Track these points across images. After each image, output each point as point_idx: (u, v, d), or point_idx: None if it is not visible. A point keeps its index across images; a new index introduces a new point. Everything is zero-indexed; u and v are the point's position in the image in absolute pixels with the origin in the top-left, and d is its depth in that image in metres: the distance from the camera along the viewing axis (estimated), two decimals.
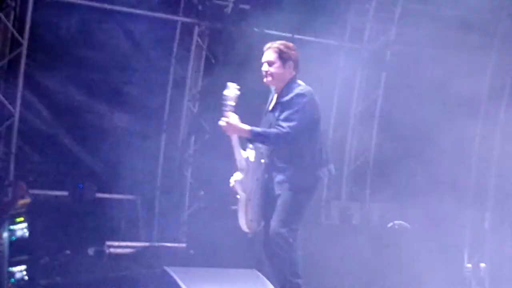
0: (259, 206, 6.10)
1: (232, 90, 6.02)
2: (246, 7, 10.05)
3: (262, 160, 6.11)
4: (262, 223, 6.14)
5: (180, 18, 10.17)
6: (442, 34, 10.66)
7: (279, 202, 6.02)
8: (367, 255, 9.51)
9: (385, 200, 10.99)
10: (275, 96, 6.21)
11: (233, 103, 6.00)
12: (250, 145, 6.08)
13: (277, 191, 6.01)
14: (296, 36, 10.13)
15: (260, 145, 6.07)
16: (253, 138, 5.97)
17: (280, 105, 6.07)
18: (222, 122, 5.94)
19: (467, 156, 11.31)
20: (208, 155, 10.08)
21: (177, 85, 10.33)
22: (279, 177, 6.04)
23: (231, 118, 5.94)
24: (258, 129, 5.97)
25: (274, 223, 6.02)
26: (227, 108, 5.99)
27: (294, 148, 5.99)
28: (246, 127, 5.94)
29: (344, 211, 10.76)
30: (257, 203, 6.09)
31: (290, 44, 6.22)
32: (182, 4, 10.12)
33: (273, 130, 5.95)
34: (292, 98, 6.00)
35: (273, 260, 6.05)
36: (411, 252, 9.41)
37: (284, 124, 5.94)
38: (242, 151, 6.03)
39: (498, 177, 11.12)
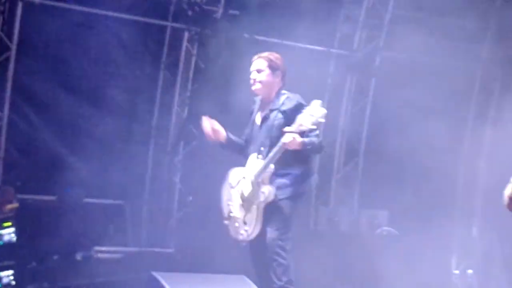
0: None
1: (318, 109, 5.89)
2: (236, 13, 10.06)
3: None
4: None
5: (170, 24, 10.18)
6: (432, 41, 10.71)
7: (277, 208, 6.02)
8: (355, 261, 9.52)
9: (374, 206, 11.01)
10: (258, 106, 6.24)
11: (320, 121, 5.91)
12: (259, 155, 6.08)
13: (280, 195, 6.02)
14: (286, 42, 10.16)
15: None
16: (304, 148, 5.97)
17: (281, 114, 6.06)
18: (289, 138, 5.88)
19: (456, 162, 11.35)
20: (197, 160, 10.08)
21: (166, 90, 10.33)
22: (280, 182, 6.03)
23: (295, 134, 5.91)
24: (306, 140, 5.94)
25: (271, 231, 6.02)
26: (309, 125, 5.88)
27: (297, 155, 6.00)
28: (301, 139, 5.94)
29: (332, 217, 10.77)
30: None
31: (278, 55, 6.28)
32: (171, 10, 10.13)
33: (313, 139, 5.96)
34: (296, 107, 6.02)
35: (267, 266, 6.05)
36: (398, 259, 9.42)
37: (313, 134, 5.97)
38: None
39: (486, 183, 11.15)
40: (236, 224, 6.16)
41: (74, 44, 9.65)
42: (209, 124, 6.24)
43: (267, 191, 5.99)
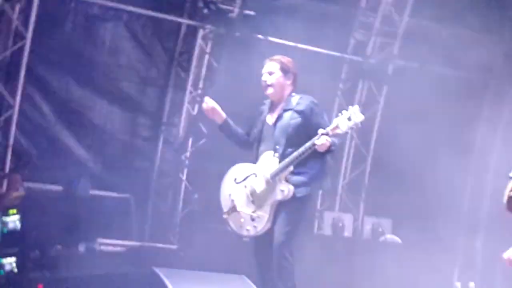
0: None
1: (357, 114, 5.89)
2: (251, 13, 10.06)
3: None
4: None
5: (185, 21, 10.18)
6: (445, 52, 10.70)
7: (290, 207, 6.01)
8: (357, 268, 9.51)
9: (378, 214, 11.00)
10: (268, 107, 6.26)
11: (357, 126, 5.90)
12: (276, 154, 6.09)
13: (296, 194, 6.01)
14: (299, 45, 10.17)
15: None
16: (332, 149, 5.97)
17: (297, 114, 6.08)
18: (322, 140, 5.89)
19: (463, 174, 11.32)
20: (205, 159, 10.09)
21: (178, 87, 10.34)
22: (296, 179, 6.02)
23: (328, 137, 5.90)
24: (331, 141, 5.94)
25: (280, 232, 6.01)
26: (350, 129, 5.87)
27: (315, 153, 6.00)
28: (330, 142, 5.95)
29: (336, 223, 10.77)
30: None
31: (290, 59, 6.31)
32: (187, 7, 10.14)
33: (335, 141, 5.93)
34: (311, 107, 6.05)
35: (272, 268, 6.03)
36: (401, 268, 9.41)
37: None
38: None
39: (492, 197, 11.14)
40: (242, 220, 6.14)
41: (89, 36, 9.68)
42: (210, 103, 6.27)
43: (287, 190, 5.98)
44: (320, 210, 11.10)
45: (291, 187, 5.98)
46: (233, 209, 6.20)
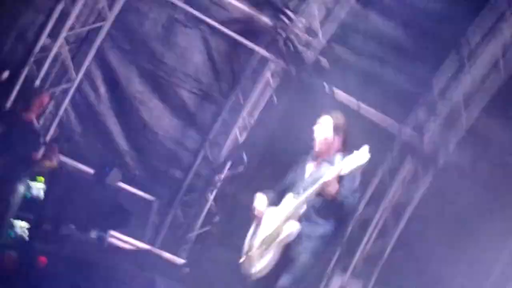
0: None
1: (362, 157, 5.91)
2: (326, 65, 10.06)
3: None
4: None
5: (260, 50, 10.24)
6: (501, 157, 10.54)
7: (298, 256, 5.99)
8: None
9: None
10: (312, 158, 6.28)
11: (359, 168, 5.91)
12: (295, 196, 6.10)
13: (306, 242, 6.00)
14: (362, 106, 10.13)
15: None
16: (338, 199, 5.95)
17: (332, 170, 6.10)
18: (328, 177, 5.88)
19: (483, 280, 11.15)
20: (237, 186, 10.11)
21: (233, 110, 10.41)
22: (310, 230, 6.00)
23: (335, 176, 5.91)
24: (343, 191, 5.95)
25: (284, 280, 6.00)
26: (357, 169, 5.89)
27: (334, 210, 5.99)
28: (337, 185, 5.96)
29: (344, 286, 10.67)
30: None
31: (345, 119, 6.33)
32: (266, 37, 10.21)
33: (350, 198, 5.97)
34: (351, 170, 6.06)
35: None
36: None
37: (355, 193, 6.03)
38: None
39: None
40: (252, 260, 6.15)
41: (165, 37, 9.80)
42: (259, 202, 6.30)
43: (290, 228, 5.97)
44: (332, 269, 11.00)
45: (294, 229, 5.95)
46: (248, 250, 6.22)
